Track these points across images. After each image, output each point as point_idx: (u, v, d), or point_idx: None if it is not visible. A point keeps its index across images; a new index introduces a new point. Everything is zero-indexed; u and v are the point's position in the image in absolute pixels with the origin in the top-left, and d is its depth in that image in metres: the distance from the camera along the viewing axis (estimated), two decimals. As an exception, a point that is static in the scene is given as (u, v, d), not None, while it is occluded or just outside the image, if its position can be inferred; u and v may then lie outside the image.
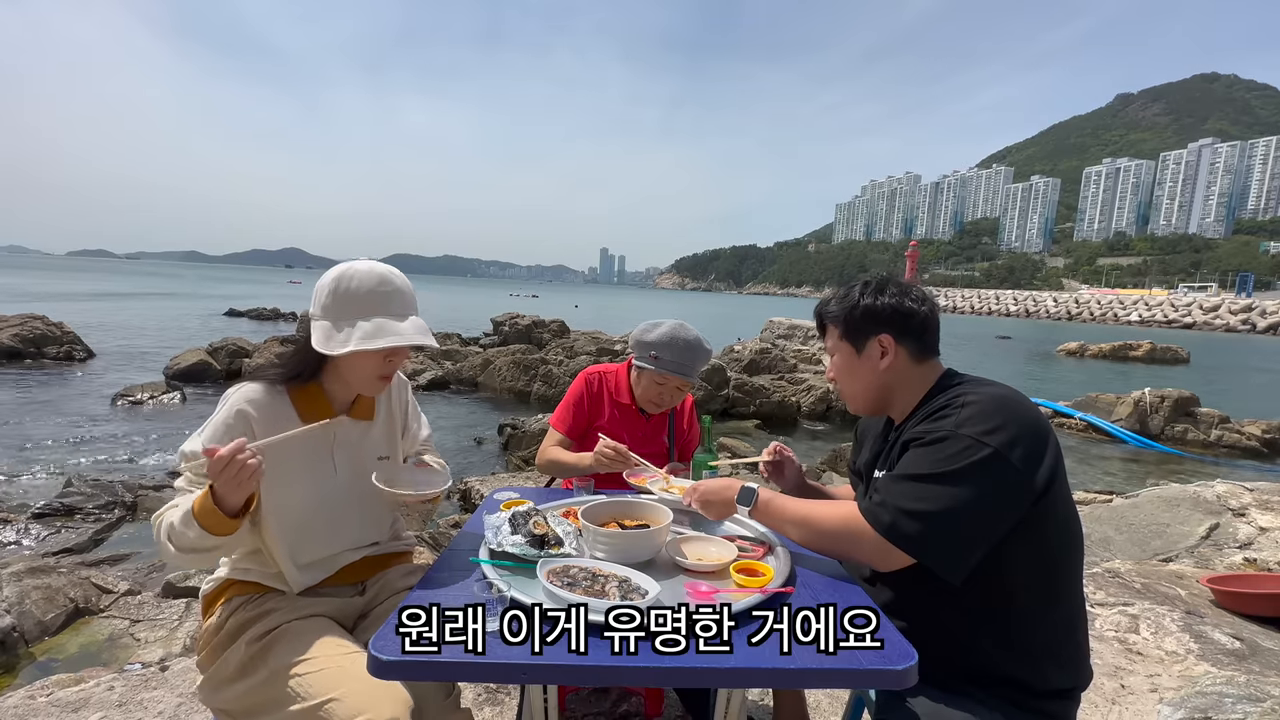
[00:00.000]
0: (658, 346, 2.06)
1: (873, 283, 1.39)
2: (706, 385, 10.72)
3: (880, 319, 1.34)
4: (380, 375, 1.40)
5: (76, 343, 13.72)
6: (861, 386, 1.39)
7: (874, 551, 1.18)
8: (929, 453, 1.16)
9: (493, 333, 19.57)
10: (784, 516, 1.34)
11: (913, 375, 1.35)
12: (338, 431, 1.43)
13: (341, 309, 1.33)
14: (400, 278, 1.39)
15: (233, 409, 1.31)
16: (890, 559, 1.17)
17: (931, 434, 1.18)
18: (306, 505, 1.38)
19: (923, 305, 1.34)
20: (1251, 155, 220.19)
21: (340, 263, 1.40)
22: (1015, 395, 1.22)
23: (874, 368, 1.36)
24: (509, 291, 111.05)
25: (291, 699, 1.17)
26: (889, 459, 1.32)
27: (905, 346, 1.34)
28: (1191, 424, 10.41)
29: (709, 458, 1.81)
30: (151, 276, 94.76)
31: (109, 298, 37.05)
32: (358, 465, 1.46)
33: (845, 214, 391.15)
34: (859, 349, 1.37)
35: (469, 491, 5.40)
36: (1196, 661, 2.43)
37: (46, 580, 3.42)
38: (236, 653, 1.27)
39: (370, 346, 1.31)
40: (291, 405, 1.37)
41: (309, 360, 1.38)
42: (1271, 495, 4.22)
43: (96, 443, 7.56)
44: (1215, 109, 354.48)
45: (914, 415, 1.31)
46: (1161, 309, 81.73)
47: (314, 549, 1.41)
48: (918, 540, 1.13)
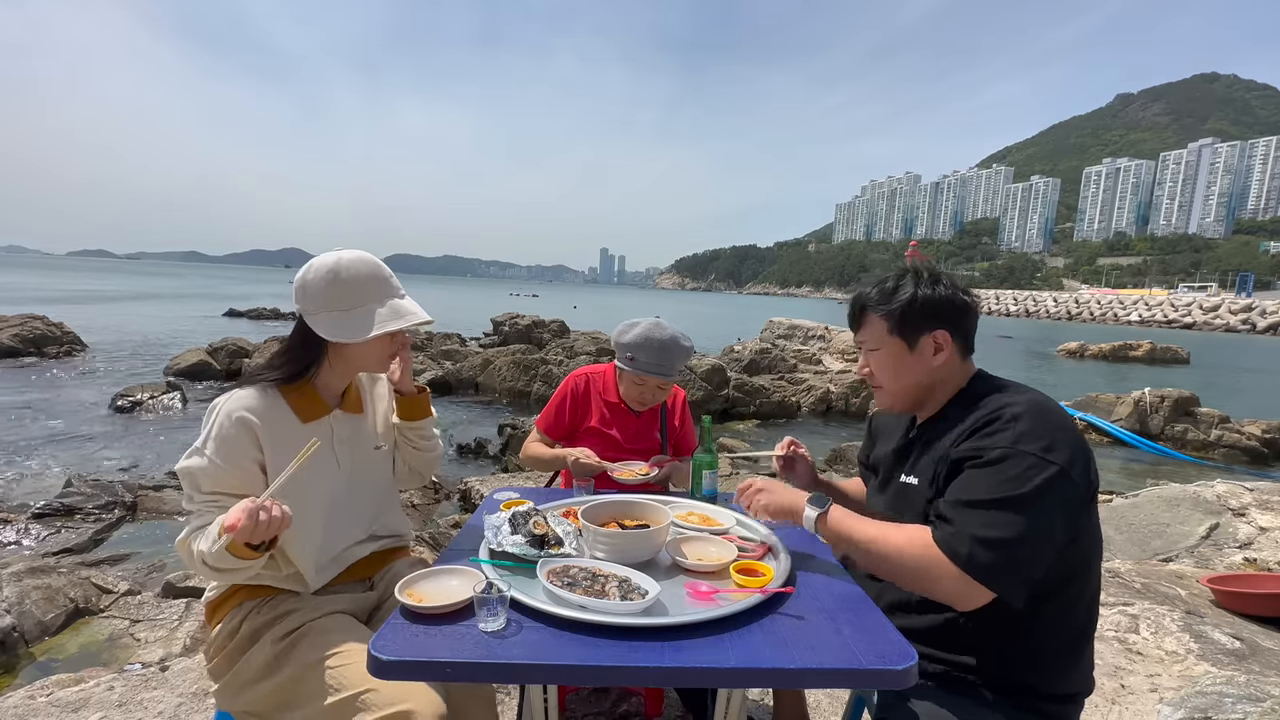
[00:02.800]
0: (633, 348, 2.07)
1: (924, 273, 1.30)
2: (706, 385, 10.71)
3: (938, 313, 1.26)
4: (391, 354, 1.46)
5: (76, 342, 13.73)
6: (906, 384, 1.31)
7: (953, 589, 1.08)
8: (993, 474, 1.09)
9: (493, 333, 19.57)
10: (852, 537, 1.21)
11: (955, 374, 1.30)
12: (335, 427, 1.44)
13: (345, 297, 1.35)
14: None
15: (231, 418, 1.28)
16: (971, 598, 1.07)
17: (989, 452, 1.11)
18: (319, 503, 1.39)
19: (971, 299, 1.29)
20: (1251, 155, 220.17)
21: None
22: (1054, 403, 1.19)
23: (926, 365, 1.28)
24: (509, 291, 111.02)
25: (326, 692, 1.18)
26: (914, 462, 1.29)
27: (958, 343, 1.28)
28: (1191, 424, 10.41)
29: (709, 458, 1.81)
30: (151, 276, 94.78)
31: (109, 298, 37.03)
32: (357, 459, 1.48)
33: (845, 214, 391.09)
34: (912, 345, 1.28)
35: (469, 491, 5.40)
36: (1196, 661, 2.43)
37: (46, 580, 3.42)
38: (260, 654, 1.27)
39: (396, 327, 1.36)
40: (287, 405, 1.37)
41: (308, 358, 1.39)
42: (1271, 495, 4.22)
43: (96, 442, 7.56)
44: (1215, 109, 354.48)
45: (944, 417, 1.27)
46: (1161, 309, 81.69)
47: (329, 546, 1.42)
48: (993, 570, 1.05)
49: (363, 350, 1.40)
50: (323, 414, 1.41)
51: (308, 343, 1.37)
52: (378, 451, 1.54)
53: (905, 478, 1.30)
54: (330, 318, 1.34)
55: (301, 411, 1.38)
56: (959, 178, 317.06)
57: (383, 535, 1.56)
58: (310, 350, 1.38)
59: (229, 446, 1.27)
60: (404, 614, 1.11)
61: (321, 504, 1.39)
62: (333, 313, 1.35)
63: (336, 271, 1.35)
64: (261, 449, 1.30)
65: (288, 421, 1.36)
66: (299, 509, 1.34)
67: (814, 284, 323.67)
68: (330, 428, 1.43)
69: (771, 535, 1.45)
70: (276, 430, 1.32)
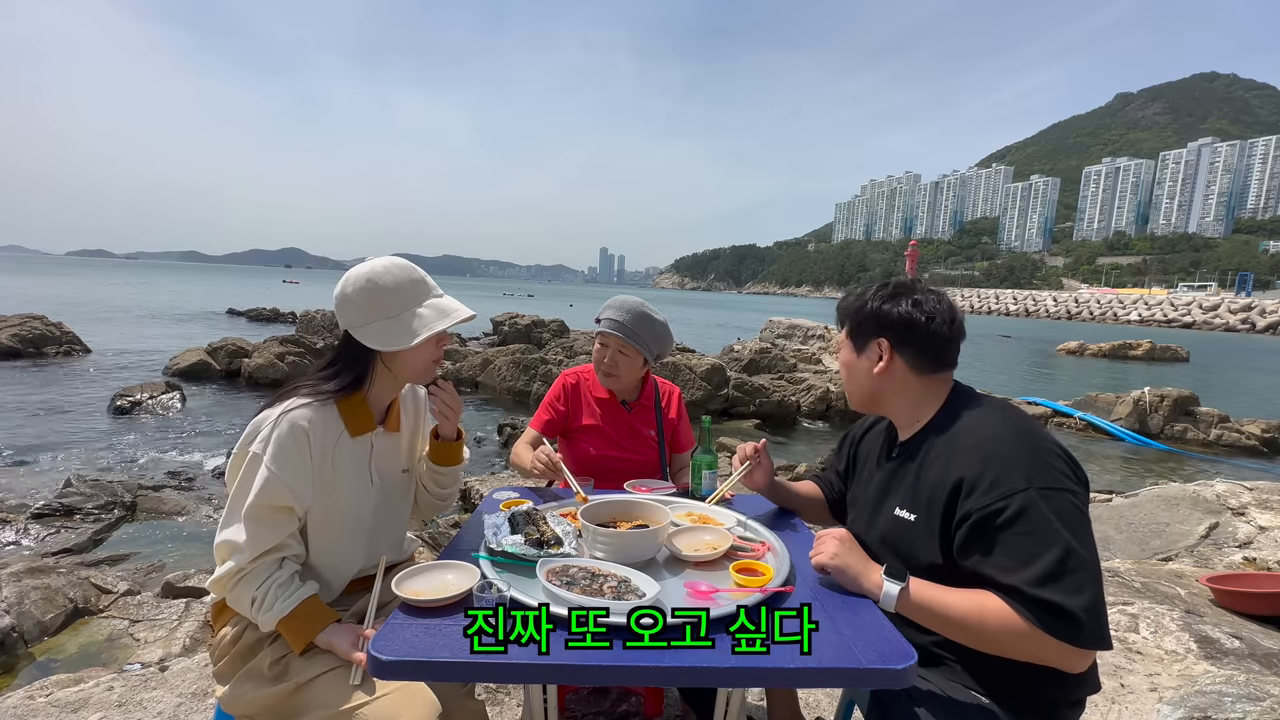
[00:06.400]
0: (601, 313, 2.14)
1: (891, 286, 1.36)
2: (706, 385, 10.71)
3: (883, 324, 1.33)
4: (435, 360, 1.44)
5: (76, 342, 13.72)
6: (856, 386, 1.42)
7: (1065, 659, 1.06)
8: (1024, 525, 1.08)
9: (492, 332, 19.57)
10: (947, 613, 1.14)
11: (912, 387, 1.33)
12: (375, 443, 1.43)
13: (388, 305, 1.35)
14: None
15: (290, 428, 1.26)
16: (1084, 659, 1.07)
17: (1006, 500, 1.10)
18: (351, 516, 1.38)
19: (932, 319, 1.29)
20: (1251, 155, 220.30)
21: (346, 268, 1.42)
22: (1023, 414, 1.24)
23: (869, 370, 1.36)
24: (502, 291, 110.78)
25: (323, 704, 1.18)
26: (905, 494, 1.29)
27: (903, 356, 1.32)
28: (1191, 423, 10.42)
29: (709, 458, 1.81)
30: (151, 276, 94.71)
31: (109, 297, 37.01)
32: (388, 478, 1.48)
33: (845, 213, 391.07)
34: (859, 349, 1.39)
35: (469, 491, 5.39)
36: (1196, 661, 2.44)
37: (46, 580, 3.42)
38: (263, 660, 1.27)
39: (444, 325, 1.36)
40: (340, 418, 1.37)
41: (360, 370, 1.39)
42: (1271, 494, 4.22)
43: (96, 443, 7.56)
44: (1215, 108, 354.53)
45: (927, 441, 1.29)
46: (1161, 308, 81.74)
47: (354, 561, 1.42)
48: (1101, 634, 1.05)
49: (405, 358, 1.39)
50: (370, 429, 1.41)
51: (358, 355, 1.37)
52: (404, 475, 1.54)
53: (899, 511, 1.30)
54: (377, 327, 1.34)
55: (352, 425, 1.37)
56: (959, 177, 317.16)
57: (399, 561, 1.57)
58: (361, 361, 1.38)
59: (286, 463, 1.25)
60: (403, 609, 1.11)
61: (351, 516, 1.38)
62: (379, 321, 1.34)
63: (374, 280, 1.34)
64: (312, 459, 1.29)
65: (337, 433, 1.35)
66: (332, 521, 1.35)
67: (814, 283, 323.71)
68: (371, 444, 1.42)
69: (771, 535, 1.45)
70: (327, 443, 1.32)
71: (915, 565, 1.23)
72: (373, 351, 1.37)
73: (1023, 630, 1.06)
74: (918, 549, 1.24)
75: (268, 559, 1.25)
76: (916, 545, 1.24)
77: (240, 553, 1.21)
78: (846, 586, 1.22)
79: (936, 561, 1.20)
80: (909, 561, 1.24)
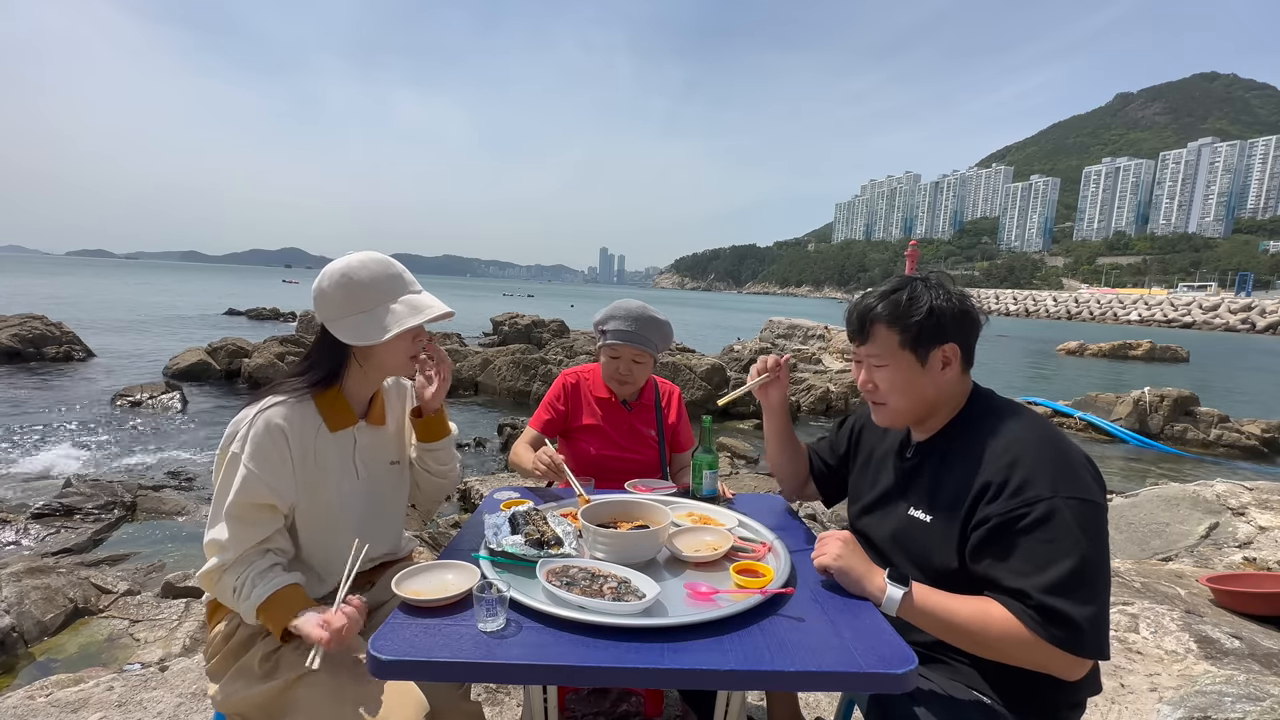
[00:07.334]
0: (605, 322, 2.11)
1: (933, 280, 1.24)
2: (706, 385, 10.71)
3: (952, 327, 1.21)
4: (412, 355, 1.43)
5: (76, 342, 13.71)
6: (913, 401, 1.25)
7: (1064, 667, 1.07)
8: (1046, 533, 1.07)
9: (492, 332, 19.58)
10: (952, 620, 1.12)
11: (959, 388, 1.27)
12: (358, 437, 1.43)
13: (363, 300, 1.34)
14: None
15: (266, 427, 1.27)
16: (1082, 668, 1.08)
17: (1030, 506, 1.08)
18: (339, 511, 1.38)
19: (980, 311, 1.24)
20: (1251, 155, 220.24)
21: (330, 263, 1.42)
22: (1047, 420, 1.20)
23: (934, 381, 1.23)
24: (502, 291, 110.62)
25: (311, 704, 1.18)
26: (922, 494, 1.27)
27: (964, 357, 1.24)
28: (1191, 423, 10.41)
29: (710, 458, 1.81)
30: (151, 276, 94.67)
31: (109, 297, 37.00)
32: (375, 471, 1.47)
33: (845, 213, 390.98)
34: (924, 360, 1.22)
35: (469, 491, 5.39)
36: (1196, 661, 2.43)
37: (46, 580, 3.41)
38: (253, 657, 1.27)
39: (416, 321, 1.35)
40: (318, 413, 1.37)
41: (333, 365, 1.39)
42: (1271, 494, 4.21)
43: (96, 443, 7.55)
44: (1215, 108, 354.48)
45: (948, 442, 1.25)
46: (1161, 308, 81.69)
47: (342, 556, 1.40)
48: (1102, 644, 1.06)
49: (381, 353, 1.38)
50: (350, 424, 1.41)
51: (331, 349, 1.37)
52: (393, 467, 1.53)
53: (913, 511, 1.27)
54: (351, 322, 1.34)
55: (330, 420, 1.37)
56: (959, 177, 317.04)
57: (394, 553, 1.57)
58: (335, 356, 1.38)
59: (265, 463, 1.25)
60: (403, 609, 1.11)
61: (336, 509, 1.38)
62: (352, 316, 1.34)
63: (348, 274, 1.34)
64: (292, 457, 1.29)
65: (315, 429, 1.35)
66: (320, 516, 1.35)
67: (814, 283, 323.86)
68: (354, 438, 1.42)
69: (770, 535, 1.45)
70: (306, 438, 1.32)
71: (926, 567, 1.22)
72: (348, 346, 1.36)
73: (1025, 638, 1.06)
74: (931, 551, 1.22)
75: (251, 553, 1.25)
76: (930, 547, 1.22)
77: (225, 550, 1.22)
78: (848, 589, 1.20)
79: (950, 565, 1.19)
80: (920, 563, 1.23)
